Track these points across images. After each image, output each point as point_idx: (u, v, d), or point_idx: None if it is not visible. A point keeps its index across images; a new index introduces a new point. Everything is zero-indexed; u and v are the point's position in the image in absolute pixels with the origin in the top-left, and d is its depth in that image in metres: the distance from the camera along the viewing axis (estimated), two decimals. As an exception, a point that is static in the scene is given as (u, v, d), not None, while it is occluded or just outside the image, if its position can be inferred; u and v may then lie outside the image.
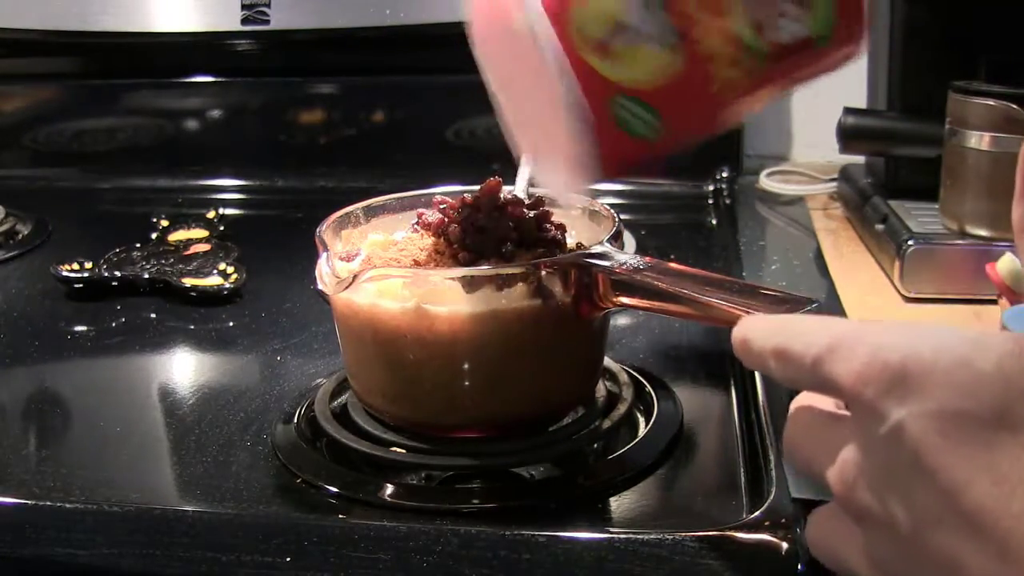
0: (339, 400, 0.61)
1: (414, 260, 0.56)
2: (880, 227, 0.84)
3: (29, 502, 0.53)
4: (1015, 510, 0.31)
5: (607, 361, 0.62)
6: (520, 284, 0.52)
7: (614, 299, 0.53)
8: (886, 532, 0.34)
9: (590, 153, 0.49)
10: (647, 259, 0.52)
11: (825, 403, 0.39)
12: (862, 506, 0.35)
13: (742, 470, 0.54)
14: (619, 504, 0.52)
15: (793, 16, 0.50)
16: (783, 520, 0.47)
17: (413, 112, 1.15)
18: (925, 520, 0.33)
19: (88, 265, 0.85)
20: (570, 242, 0.58)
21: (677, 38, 0.48)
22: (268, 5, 1.09)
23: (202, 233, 0.97)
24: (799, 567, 0.46)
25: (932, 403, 0.32)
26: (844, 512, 0.37)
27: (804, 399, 0.40)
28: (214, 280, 0.83)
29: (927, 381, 0.32)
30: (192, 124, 1.19)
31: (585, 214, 0.62)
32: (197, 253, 0.90)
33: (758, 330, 0.40)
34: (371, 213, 0.63)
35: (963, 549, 0.32)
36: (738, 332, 0.41)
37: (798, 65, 0.52)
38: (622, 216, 0.58)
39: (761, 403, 0.59)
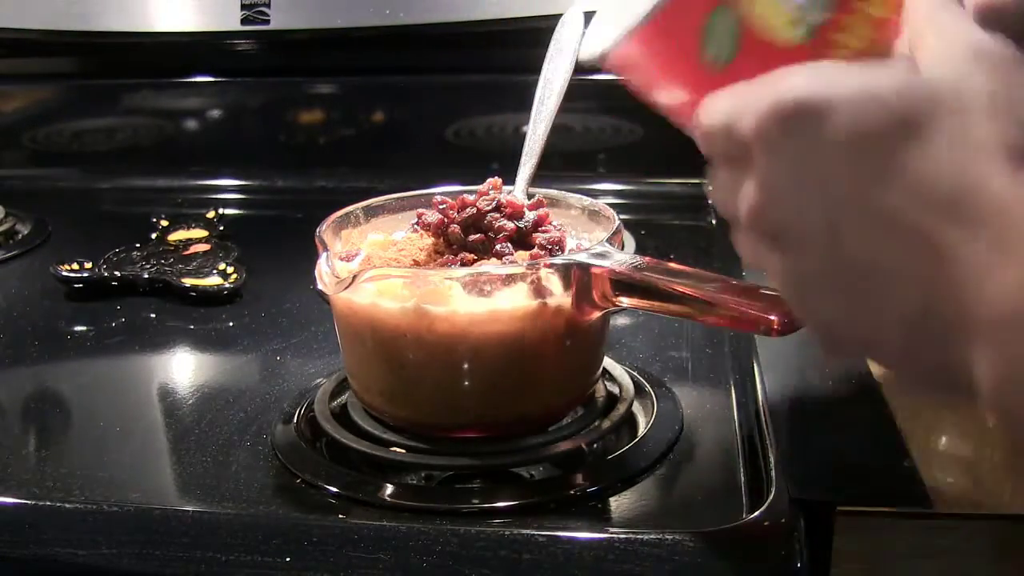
0: (339, 400, 0.61)
1: (414, 260, 0.56)
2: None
3: (29, 502, 0.53)
4: (931, 198, 0.33)
5: (607, 361, 0.62)
6: (520, 284, 0.52)
7: (614, 299, 0.53)
8: (801, 247, 0.36)
9: (651, 35, 0.44)
10: (647, 259, 0.52)
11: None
12: (773, 227, 0.37)
13: (742, 470, 0.54)
14: (619, 504, 0.52)
15: None
16: (783, 520, 0.47)
17: (413, 112, 1.15)
18: (841, 225, 0.35)
19: (88, 265, 0.85)
20: (570, 242, 0.58)
21: (822, 21, 0.43)
22: (268, 5, 1.09)
23: (202, 233, 0.97)
24: (799, 567, 0.46)
25: (838, 127, 0.34)
26: (759, 239, 0.38)
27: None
28: (214, 280, 0.83)
29: (828, 110, 0.35)
30: (192, 124, 1.19)
31: (585, 214, 0.62)
32: (197, 253, 0.90)
33: (698, 115, 0.41)
34: (371, 213, 0.63)
35: (883, 246, 0.35)
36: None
37: None
38: (622, 216, 0.58)
39: (761, 403, 0.59)
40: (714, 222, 1.01)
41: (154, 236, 0.95)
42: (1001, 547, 0.51)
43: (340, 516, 0.51)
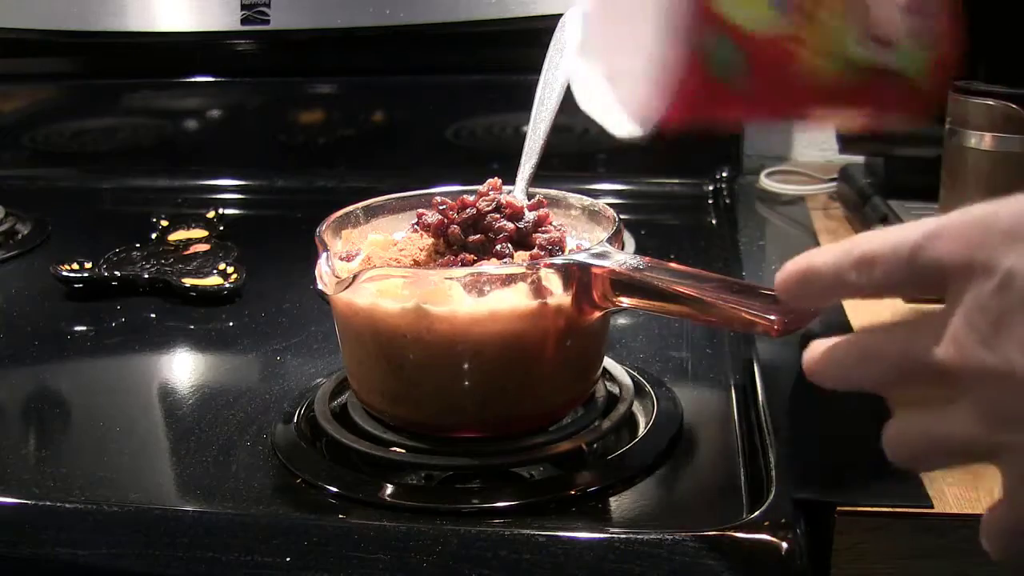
0: (339, 400, 0.61)
1: (414, 260, 0.56)
2: (880, 227, 0.84)
3: (29, 502, 0.53)
4: None
5: (607, 361, 0.62)
6: (520, 284, 0.52)
7: (614, 299, 0.53)
8: (1005, 382, 0.35)
9: (670, 85, 0.49)
10: (647, 259, 0.52)
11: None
12: (978, 363, 0.35)
13: (742, 470, 0.54)
14: (619, 504, 0.52)
15: (891, 47, 0.52)
16: (783, 520, 0.47)
17: (413, 112, 1.15)
18: None
19: (88, 265, 0.85)
20: (570, 242, 0.58)
21: (789, 7, 0.49)
22: (268, 5, 1.09)
23: (202, 233, 0.97)
24: (799, 567, 0.46)
25: None
26: (958, 380, 0.36)
27: (870, 329, 0.40)
28: (214, 280, 0.83)
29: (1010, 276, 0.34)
30: (192, 124, 1.19)
31: (585, 214, 0.62)
32: (197, 253, 0.90)
33: (826, 253, 0.40)
34: (371, 213, 0.63)
35: None
36: (797, 265, 0.40)
37: (879, 96, 0.54)
38: (622, 216, 0.58)
39: (761, 403, 0.59)
40: (714, 222, 1.01)
41: (154, 236, 0.95)
42: (1001, 547, 0.50)
43: (340, 516, 0.51)
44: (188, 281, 0.83)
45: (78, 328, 0.79)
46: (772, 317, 0.46)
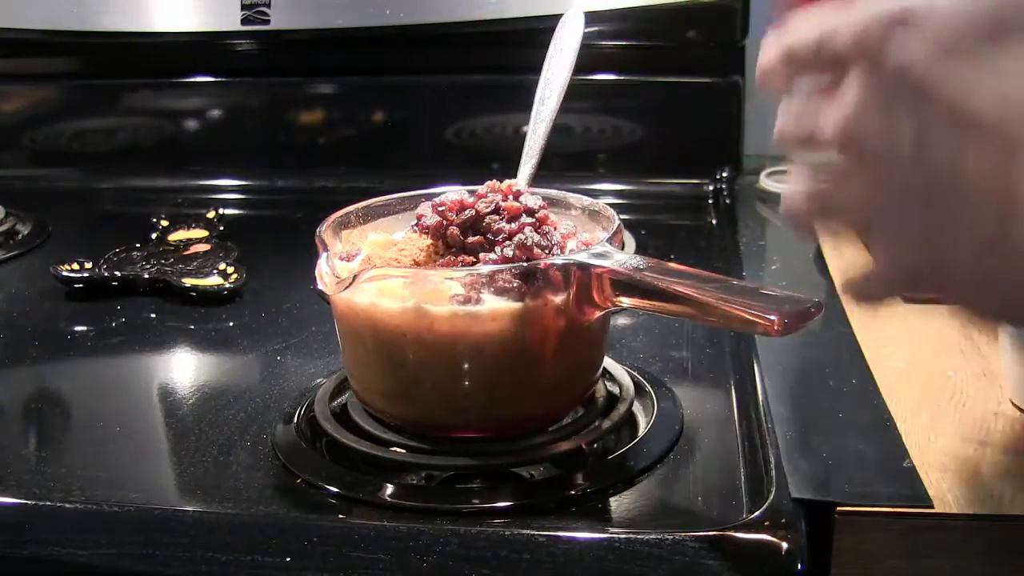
0: (339, 400, 0.61)
1: (414, 260, 0.56)
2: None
3: (29, 502, 0.53)
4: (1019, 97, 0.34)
5: (607, 361, 0.62)
6: (520, 284, 0.52)
7: (614, 299, 0.53)
8: (888, 159, 0.36)
9: None
10: (647, 259, 0.52)
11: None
12: (865, 136, 0.37)
13: (742, 470, 0.54)
14: (619, 504, 0.52)
15: None
16: (783, 520, 0.47)
17: (413, 112, 1.15)
18: (928, 133, 0.35)
19: (88, 265, 0.85)
20: (570, 242, 0.58)
21: None
22: (268, 5, 1.09)
23: (202, 233, 0.96)
24: (799, 567, 0.46)
25: (934, 32, 0.35)
26: (843, 154, 0.38)
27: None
28: (214, 280, 0.83)
29: (927, 16, 0.35)
30: (192, 124, 1.19)
31: (585, 214, 0.62)
32: (197, 253, 0.90)
33: (768, 46, 0.41)
34: (371, 213, 0.63)
35: (965, 153, 0.34)
36: (766, 51, 0.42)
37: None
38: (622, 216, 0.58)
39: (761, 403, 0.59)
40: (714, 222, 1.01)
41: (154, 236, 0.95)
42: (1000, 547, 0.51)
43: (340, 516, 0.51)
44: (188, 281, 0.83)
45: (78, 328, 0.79)
46: (772, 317, 0.46)
